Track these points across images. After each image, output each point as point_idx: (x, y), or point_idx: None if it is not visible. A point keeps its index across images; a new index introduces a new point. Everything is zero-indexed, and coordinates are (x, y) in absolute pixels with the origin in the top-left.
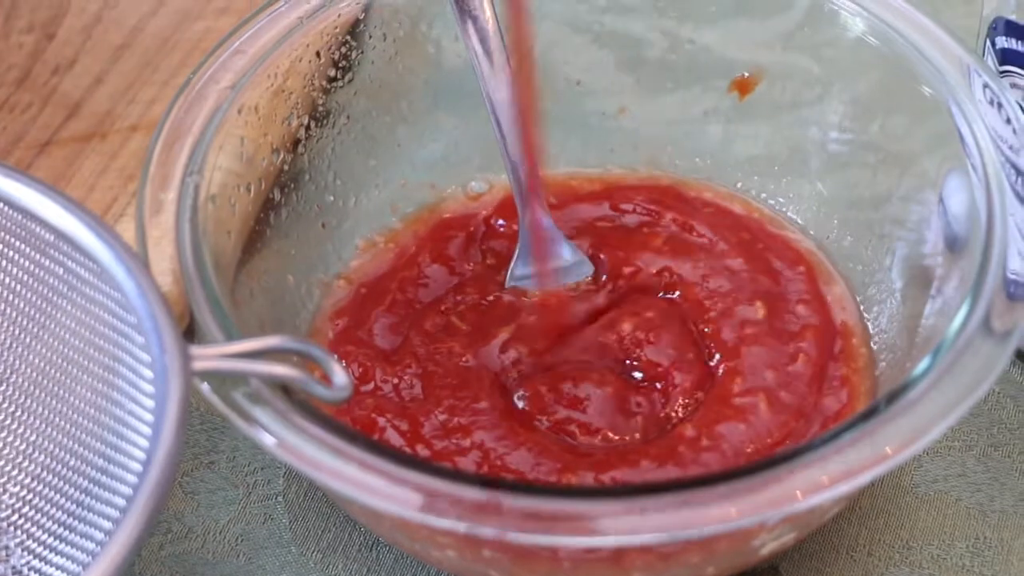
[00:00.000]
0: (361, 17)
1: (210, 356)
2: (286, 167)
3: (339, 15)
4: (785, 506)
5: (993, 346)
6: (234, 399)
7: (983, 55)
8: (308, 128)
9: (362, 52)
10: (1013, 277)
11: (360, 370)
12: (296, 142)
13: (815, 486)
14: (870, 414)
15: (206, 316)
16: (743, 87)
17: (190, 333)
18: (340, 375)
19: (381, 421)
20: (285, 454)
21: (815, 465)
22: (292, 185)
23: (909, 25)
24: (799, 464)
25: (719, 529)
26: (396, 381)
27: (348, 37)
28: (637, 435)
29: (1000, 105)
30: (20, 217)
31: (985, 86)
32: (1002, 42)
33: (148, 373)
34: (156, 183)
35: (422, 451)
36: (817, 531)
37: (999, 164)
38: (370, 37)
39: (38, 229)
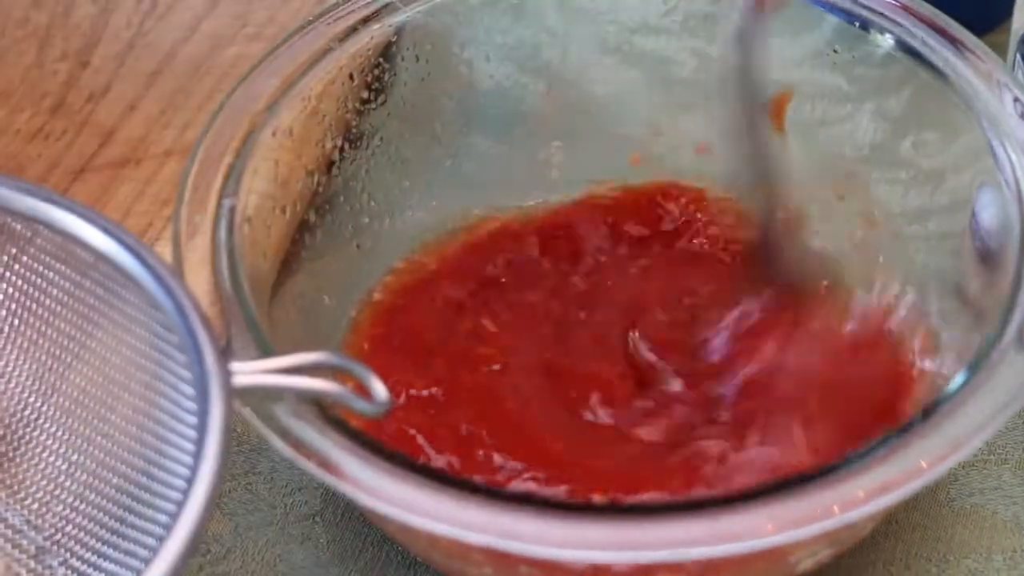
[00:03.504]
0: (393, 39)
1: (251, 372)
2: (321, 189)
3: (372, 38)
4: (822, 521)
5: None
6: (276, 420)
7: (1014, 69)
8: (342, 150)
9: (395, 74)
10: None
11: (393, 381)
12: (330, 164)
13: (852, 501)
14: (905, 429)
15: (244, 337)
16: (776, 111)
17: (226, 353)
18: (380, 390)
19: (412, 431)
20: (323, 472)
21: (851, 480)
22: (327, 207)
23: (939, 40)
24: (835, 479)
25: (755, 545)
26: (430, 392)
27: (381, 59)
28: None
29: None
30: (60, 239)
31: (1016, 100)
32: None
33: (189, 391)
34: (192, 205)
35: (453, 461)
36: (853, 545)
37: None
38: (403, 59)
39: (78, 251)
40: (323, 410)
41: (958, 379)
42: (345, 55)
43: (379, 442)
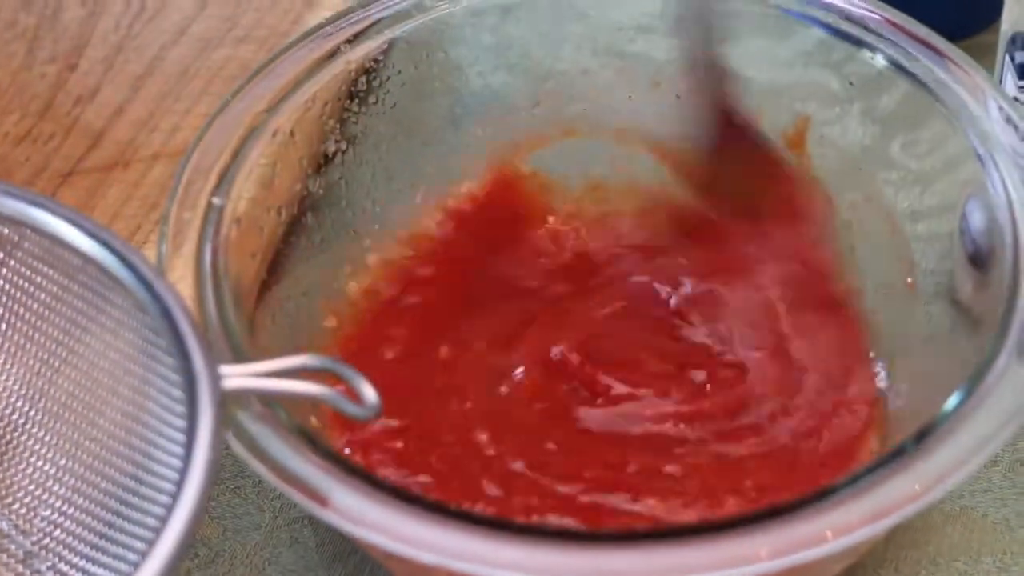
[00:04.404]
0: (389, 44)
1: (240, 375)
2: (319, 190)
3: (368, 43)
4: (815, 547)
5: None
6: (266, 452)
7: (1002, 70)
8: (338, 152)
9: (388, 77)
10: None
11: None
12: (327, 165)
13: (844, 527)
14: (898, 452)
15: (223, 340)
16: (797, 140)
17: (215, 356)
18: (369, 393)
19: (398, 444)
20: (309, 502)
21: (843, 506)
22: (320, 208)
23: (924, 52)
24: (827, 505)
25: (749, 571)
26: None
27: (374, 62)
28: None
29: (1016, 126)
30: (47, 243)
31: (1000, 107)
32: (1021, 57)
33: (178, 394)
34: (182, 204)
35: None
36: None
37: (1020, 181)
38: (394, 63)
39: (65, 254)
40: (311, 439)
41: (953, 399)
42: (344, 59)
43: (366, 470)
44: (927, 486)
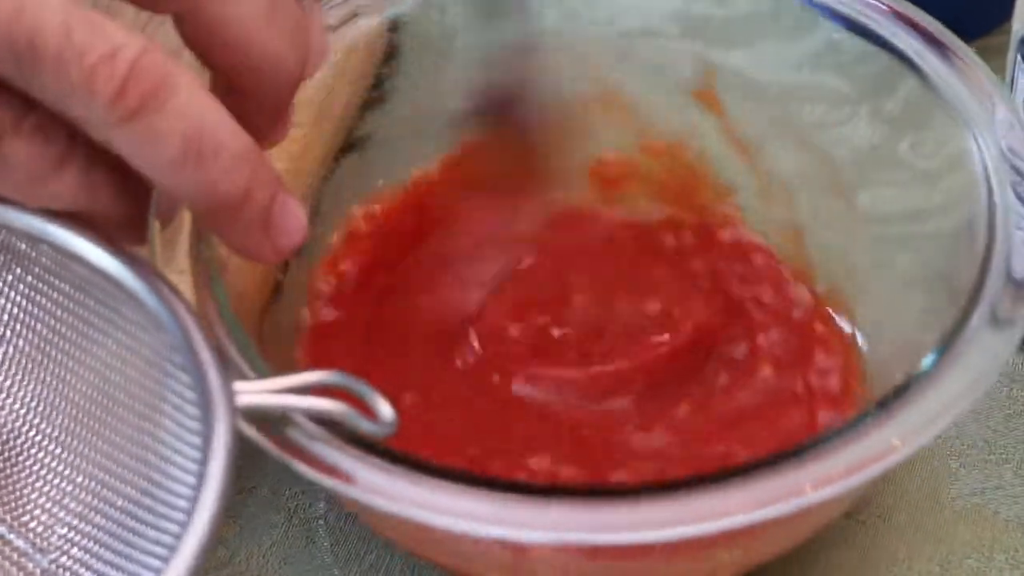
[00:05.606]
0: (395, 42)
1: (255, 391)
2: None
3: (371, 41)
4: (794, 500)
5: (997, 337)
6: (285, 438)
7: (1013, 70)
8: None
9: (395, 75)
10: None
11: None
12: (340, 157)
13: (824, 479)
14: (878, 408)
15: (236, 356)
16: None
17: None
18: (385, 409)
19: None
20: (331, 480)
21: (823, 459)
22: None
23: (931, 48)
24: (806, 458)
25: (730, 523)
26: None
27: (389, 57)
28: None
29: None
30: (61, 257)
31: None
32: None
33: (193, 411)
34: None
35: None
36: (856, 545)
37: (999, 159)
38: (403, 60)
39: (80, 269)
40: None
41: (929, 359)
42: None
43: (383, 445)
44: (904, 439)
